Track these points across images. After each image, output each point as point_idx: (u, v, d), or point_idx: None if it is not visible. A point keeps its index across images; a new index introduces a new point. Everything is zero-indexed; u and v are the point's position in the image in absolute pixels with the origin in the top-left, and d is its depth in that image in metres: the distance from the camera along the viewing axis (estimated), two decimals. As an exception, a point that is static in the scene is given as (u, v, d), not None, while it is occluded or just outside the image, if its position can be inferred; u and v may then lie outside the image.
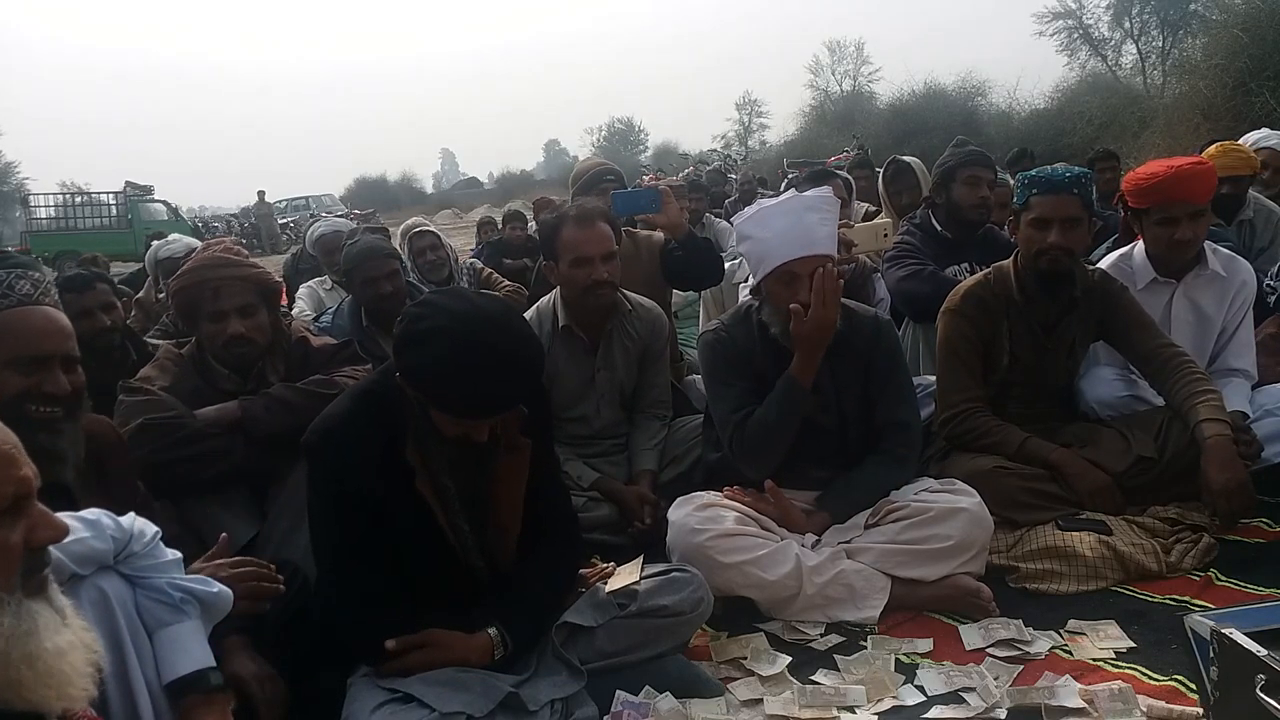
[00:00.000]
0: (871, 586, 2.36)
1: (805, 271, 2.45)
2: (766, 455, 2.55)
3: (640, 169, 28.52)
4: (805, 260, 2.46)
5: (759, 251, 2.55)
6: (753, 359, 2.63)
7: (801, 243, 2.47)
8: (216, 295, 2.54)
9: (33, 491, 1.14)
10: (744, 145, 43.09)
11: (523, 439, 1.97)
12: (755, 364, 2.62)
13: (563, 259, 2.97)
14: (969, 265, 3.51)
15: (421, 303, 1.86)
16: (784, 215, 2.52)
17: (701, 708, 1.95)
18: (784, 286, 2.50)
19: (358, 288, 3.79)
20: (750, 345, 2.64)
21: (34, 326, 1.78)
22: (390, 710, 1.76)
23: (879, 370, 2.62)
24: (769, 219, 2.53)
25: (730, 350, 2.65)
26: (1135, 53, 32.54)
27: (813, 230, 2.48)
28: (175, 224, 21.74)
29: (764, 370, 2.60)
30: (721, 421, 2.65)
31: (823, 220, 2.51)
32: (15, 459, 1.13)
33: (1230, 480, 2.48)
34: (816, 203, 2.55)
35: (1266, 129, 5.37)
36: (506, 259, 7.41)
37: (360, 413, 1.91)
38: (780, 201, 2.60)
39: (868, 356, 2.62)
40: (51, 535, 1.16)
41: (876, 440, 2.63)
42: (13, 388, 1.75)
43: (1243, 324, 3.03)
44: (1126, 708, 1.84)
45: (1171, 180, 2.85)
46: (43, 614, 1.14)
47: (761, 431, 2.53)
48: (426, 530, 1.91)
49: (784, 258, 2.47)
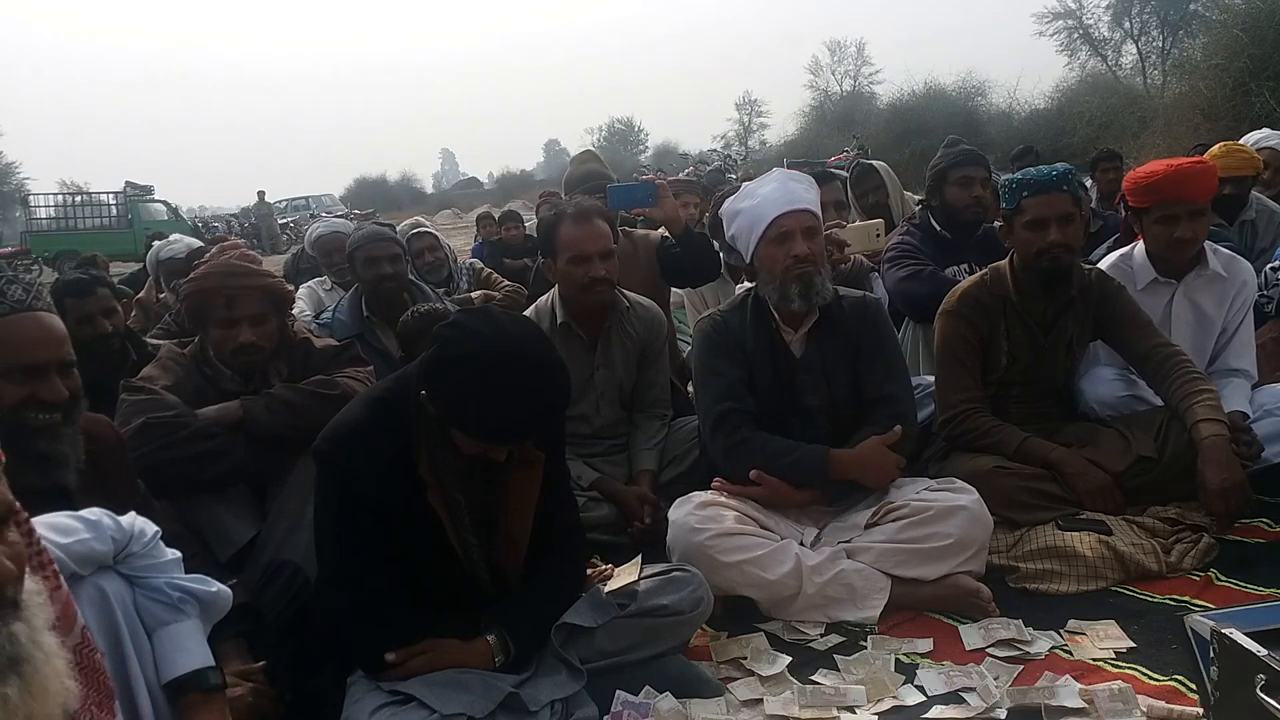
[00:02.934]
0: (871, 586, 2.36)
1: (796, 227, 2.57)
2: (745, 469, 2.55)
3: (640, 169, 28.52)
4: (794, 215, 2.58)
5: (749, 220, 2.66)
6: (745, 345, 2.67)
7: (789, 199, 2.60)
8: (230, 304, 2.55)
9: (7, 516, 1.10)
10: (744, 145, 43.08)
11: (536, 453, 1.97)
12: (748, 350, 2.67)
13: (560, 256, 2.97)
14: (968, 265, 3.51)
15: (453, 324, 1.84)
16: (769, 182, 2.70)
17: (701, 708, 1.95)
18: (777, 246, 2.59)
19: (359, 269, 3.84)
20: (743, 331, 2.68)
21: (29, 335, 1.77)
22: (390, 712, 1.76)
23: (868, 350, 2.67)
24: (755, 189, 2.70)
25: (723, 335, 2.69)
26: (1135, 53, 32.58)
27: (798, 192, 2.63)
28: (175, 224, 21.72)
29: (755, 352, 2.66)
30: (704, 408, 2.70)
31: (806, 188, 2.67)
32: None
33: (1227, 480, 2.48)
34: (797, 175, 2.76)
35: (1267, 129, 5.38)
36: (507, 259, 7.42)
37: (373, 421, 1.90)
38: (762, 177, 2.79)
39: (857, 337, 2.68)
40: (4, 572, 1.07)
41: (867, 416, 2.64)
42: (11, 397, 1.75)
43: (1243, 324, 3.03)
44: (1126, 708, 1.84)
45: (1172, 178, 2.86)
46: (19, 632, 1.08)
47: (760, 459, 2.54)
48: (434, 541, 1.91)
49: (775, 212, 2.59)
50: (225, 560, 2.31)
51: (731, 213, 2.74)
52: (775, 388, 2.66)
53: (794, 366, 2.67)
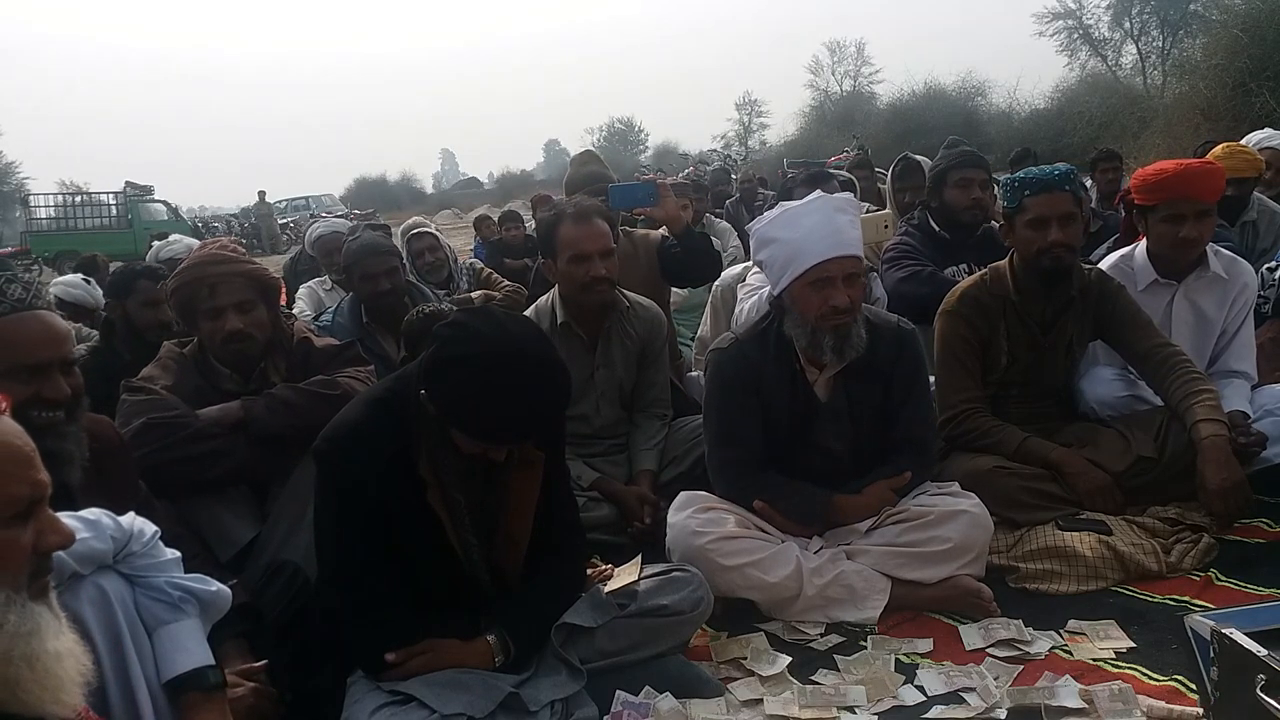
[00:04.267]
0: (872, 587, 2.36)
1: (839, 274, 2.34)
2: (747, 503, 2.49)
3: (640, 169, 28.52)
4: (839, 261, 2.34)
5: (786, 254, 2.41)
6: (763, 382, 2.51)
7: (835, 242, 2.35)
8: (214, 292, 2.54)
9: (46, 496, 1.16)
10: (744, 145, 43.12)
11: (536, 453, 1.97)
12: (765, 384, 2.51)
13: (561, 256, 2.97)
14: (968, 266, 3.51)
15: (453, 324, 1.84)
16: (813, 214, 2.40)
17: (701, 708, 1.95)
18: (815, 291, 2.36)
19: (356, 283, 3.81)
20: (763, 366, 2.51)
21: (31, 335, 1.77)
22: (390, 712, 1.76)
23: (899, 386, 2.52)
24: (797, 218, 2.41)
25: (739, 370, 2.51)
26: (1135, 53, 32.62)
27: (844, 230, 2.38)
28: (175, 224, 21.75)
29: (774, 390, 2.50)
30: (709, 446, 2.60)
31: (852, 222, 2.43)
32: (34, 461, 1.15)
33: (1227, 480, 2.48)
34: (844, 205, 2.48)
35: (1269, 129, 5.37)
36: (507, 259, 7.42)
37: (373, 421, 1.90)
38: (806, 202, 2.47)
39: (889, 372, 2.51)
40: (59, 541, 1.17)
41: (888, 454, 2.55)
42: (16, 396, 1.75)
43: (1243, 326, 3.03)
44: (1126, 708, 1.84)
45: (1182, 177, 2.86)
46: (45, 617, 1.14)
47: (764, 496, 2.48)
48: (434, 541, 1.91)
49: (818, 257, 2.34)
50: (226, 560, 2.31)
51: (765, 239, 2.48)
52: (794, 429, 2.52)
53: (817, 410, 2.51)
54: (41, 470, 1.15)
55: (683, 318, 4.99)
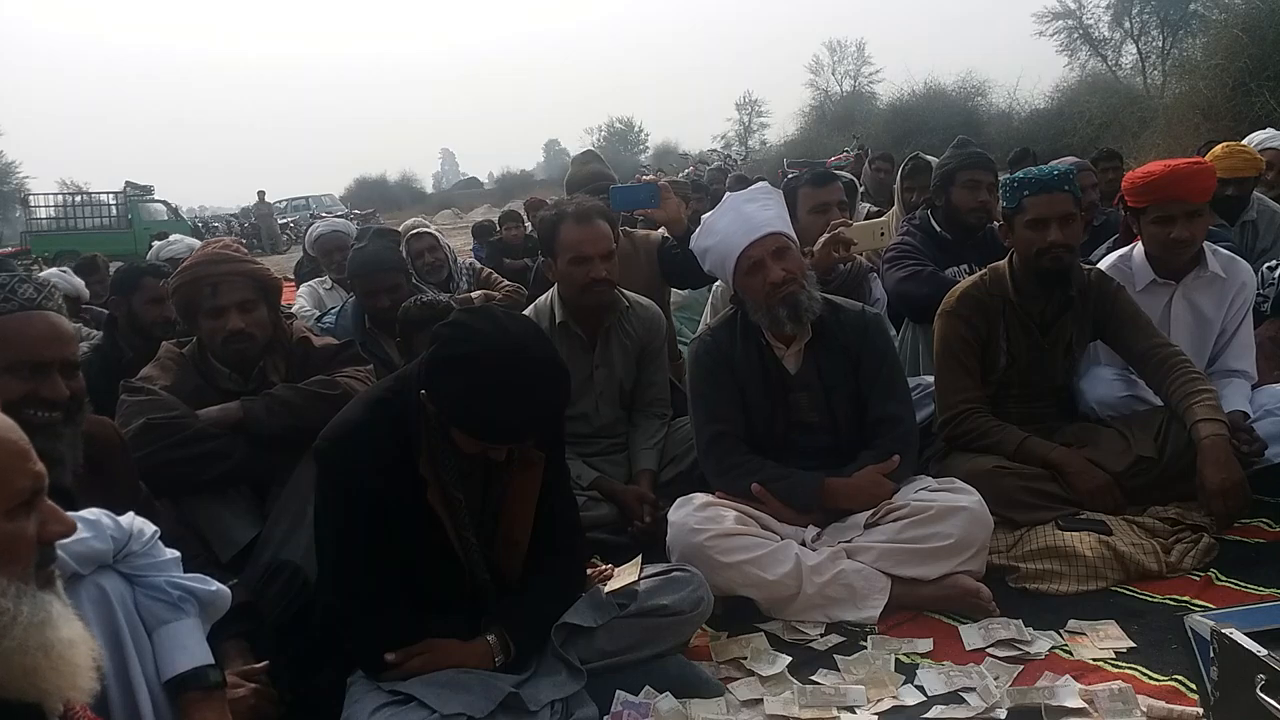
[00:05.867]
0: (871, 586, 2.36)
1: (763, 254, 2.55)
2: (740, 490, 2.54)
3: (640, 169, 28.54)
4: (758, 243, 2.56)
5: (716, 257, 2.68)
6: (735, 362, 2.66)
7: (747, 229, 2.58)
8: (215, 291, 2.54)
9: (44, 487, 1.17)
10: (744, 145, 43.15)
11: (536, 453, 1.97)
12: (738, 363, 2.66)
13: (561, 256, 2.97)
14: (968, 266, 3.49)
15: (453, 324, 1.84)
16: (725, 214, 2.67)
17: (701, 708, 1.95)
18: (753, 276, 2.57)
19: (359, 295, 3.84)
20: (733, 348, 2.67)
21: (36, 333, 1.77)
22: (390, 712, 1.76)
23: (868, 365, 2.64)
24: (713, 223, 2.69)
25: (713, 355, 2.68)
26: (1135, 53, 32.59)
27: (754, 216, 2.60)
28: (175, 224, 21.75)
29: (746, 367, 2.65)
30: (696, 429, 2.71)
31: (763, 206, 2.63)
32: (30, 453, 1.16)
33: (1227, 480, 2.48)
34: (750, 194, 2.71)
35: (1271, 129, 5.37)
36: (507, 259, 7.43)
37: (374, 421, 1.90)
38: (718, 206, 2.75)
39: (856, 351, 2.64)
40: (61, 530, 1.19)
41: (870, 437, 2.62)
42: (11, 392, 1.75)
43: (1242, 325, 3.03)
44: (1126, 708, 1.84)
45: (1169, 179, 2.86)
46: (55, 605, 1.16)
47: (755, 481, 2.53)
48: (434, 541, 1.91)
49: (739, 248, 2.58)
50: (226, 560, 2.31)
51: (699, 250, 2.76)
52: (769, 405, 2.64)
53: (788, 383, 2.64)
54: (38, 462, 1.17)
55: (683, 317, 4.99)
